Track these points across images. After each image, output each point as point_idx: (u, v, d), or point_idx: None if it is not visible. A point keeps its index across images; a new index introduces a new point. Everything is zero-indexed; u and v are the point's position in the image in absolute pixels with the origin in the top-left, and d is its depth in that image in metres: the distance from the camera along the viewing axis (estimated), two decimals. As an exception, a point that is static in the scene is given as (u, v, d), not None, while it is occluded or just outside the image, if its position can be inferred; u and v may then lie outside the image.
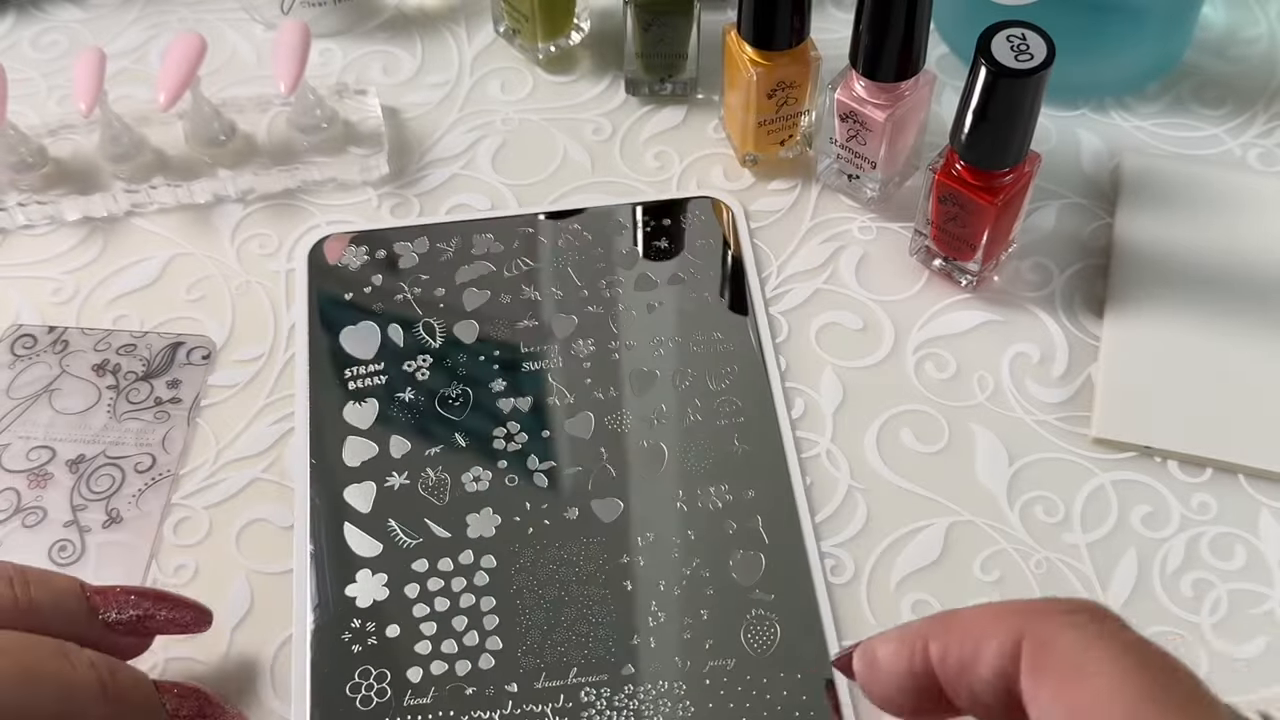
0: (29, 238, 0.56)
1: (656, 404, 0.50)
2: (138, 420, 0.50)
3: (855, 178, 0.55)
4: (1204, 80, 0.61)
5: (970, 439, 0.49)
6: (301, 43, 0.56)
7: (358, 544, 0.46)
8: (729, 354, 0.51)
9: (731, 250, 0.55)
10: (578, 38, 0.63)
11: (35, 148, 0.57)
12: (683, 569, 0.46)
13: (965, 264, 0.52)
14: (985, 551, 0.46)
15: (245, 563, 0.46)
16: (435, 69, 0.63)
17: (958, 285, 0.53)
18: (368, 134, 0.59)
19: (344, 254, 0.55)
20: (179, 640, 0.45)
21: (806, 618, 0.45)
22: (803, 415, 0.50)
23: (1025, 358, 0.51)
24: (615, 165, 0.59)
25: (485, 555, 0.46)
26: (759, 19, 0.52)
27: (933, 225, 0.52)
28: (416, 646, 0.44)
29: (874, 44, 0.50)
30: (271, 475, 0.49)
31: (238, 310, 0.54)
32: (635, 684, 0.43)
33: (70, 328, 0.53)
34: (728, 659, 0.44)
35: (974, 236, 0.50)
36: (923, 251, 0.54)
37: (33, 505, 0.48)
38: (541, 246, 0.55)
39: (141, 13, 0.66)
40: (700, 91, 0.61)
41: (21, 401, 0.51)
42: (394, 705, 0.43)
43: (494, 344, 0.52)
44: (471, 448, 0.49)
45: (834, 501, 0.48)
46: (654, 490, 0.48)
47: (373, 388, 0.51)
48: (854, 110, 0.52)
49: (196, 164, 0.57)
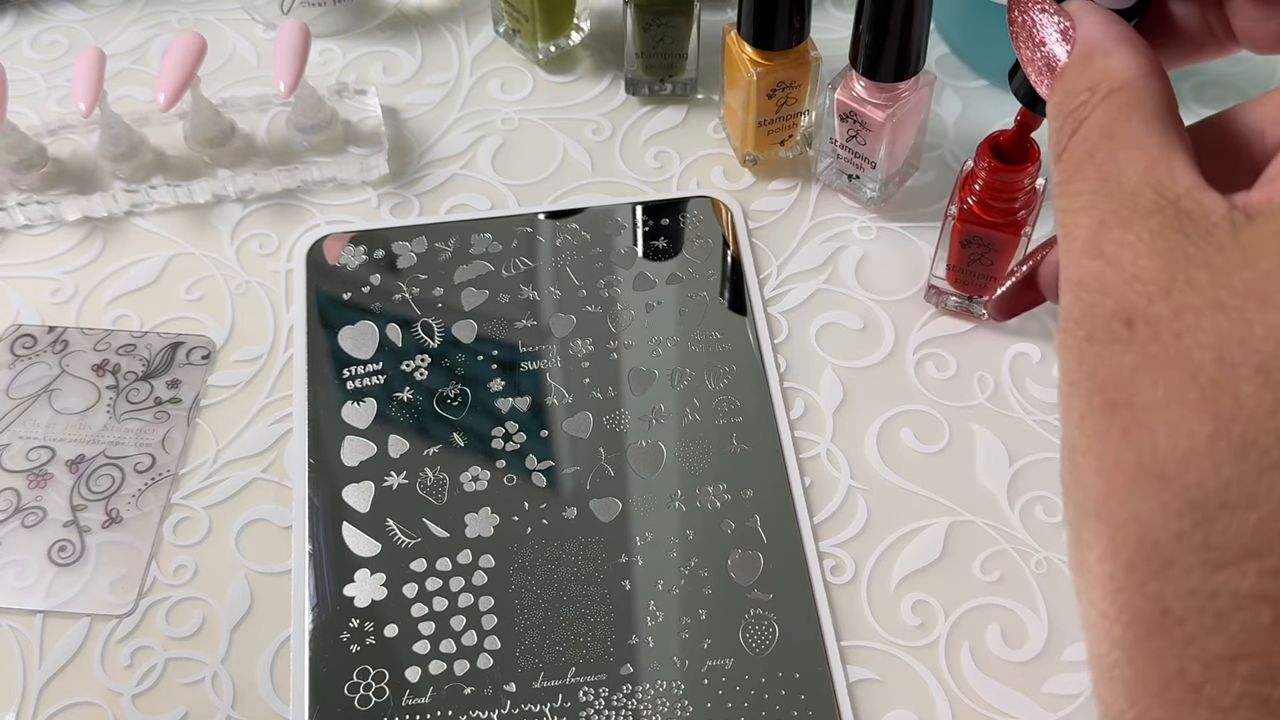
0: (29, 238, 0.56)
1: (655, 404, 0.50)
2: (137, 420, 0.50)
3: (855, 178, 0.55)
4: (1204, 80, 0.61)
5: (970, 439, 0.49)
6: (301, 43, 0.56)
7: (356, 544, 0.46)
8: (728, 354, 0.51)
9: (731, 250, 0.55)
10: (578, 38, 0.63)
11: (35, 148, 0.57)
12: (681, 569, 0.46)
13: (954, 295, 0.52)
14: (985, 551, 0.46)
15: (244, 563, 0.46)
16: (435, 69, 0.63)
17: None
18: (367, 134, 0.59)
19: (343, 254, 0.55)
20: (179, 640, 0.45)
21: (805, 617, 0.45)
22: (802, 415, 0.50)
23: (1025, 358, 0.51)
24: (615, 165, 0.59)
25: (484, 555, 0.46)
26: (759, 19, 0.52)
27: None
28: (415, 646, 0.44)
29: (874, 44, 0.50)
30: (271, 475, 0.49)
31: (237, 310, 0.54)
32: (634, 683, 0.43)
33: (70, 328, 0.53)
34: (726, 658, 0.44)
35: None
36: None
37: (32, 505, 0.48)
38: (540, 246, 0.55)
39: (141, 13, 0.66)
40: (700, 91, 0.61)
41: (21, 401, 0.51)
42: (392, 705, 0.43)
43: (492, 343, 0.52)
44: (470, 447, 0.49)
45: (834, 501, 0.48)
46: (652, 490, 0.48)
47: (371, 387, 0.51)
48: (854, 110, 0.52)
49: (196, 164, 0.57)
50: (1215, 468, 0.20)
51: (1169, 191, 0.22)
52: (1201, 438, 0.20)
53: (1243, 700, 0.19)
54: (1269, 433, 0.19)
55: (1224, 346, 0.20)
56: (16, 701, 0.43)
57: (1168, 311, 0.21)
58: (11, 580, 0.46)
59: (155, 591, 0.46)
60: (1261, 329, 0.20)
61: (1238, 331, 0.20)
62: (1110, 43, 0.25)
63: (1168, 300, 0.21)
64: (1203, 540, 0.20)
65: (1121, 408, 0.21)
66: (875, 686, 0.43)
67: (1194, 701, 0.20)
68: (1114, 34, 0.26)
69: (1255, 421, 0.19)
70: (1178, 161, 0.23)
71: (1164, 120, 0.24)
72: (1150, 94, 0.24)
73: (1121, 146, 0.23)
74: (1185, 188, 0.22)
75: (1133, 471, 0.21)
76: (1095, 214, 0.23)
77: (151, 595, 0.46)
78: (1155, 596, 0.20)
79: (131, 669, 0.44)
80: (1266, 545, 0.19)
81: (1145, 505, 0.21)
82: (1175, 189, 0.22)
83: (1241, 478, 0.19)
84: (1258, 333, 0.20)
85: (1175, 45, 0.29)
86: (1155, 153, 0.23)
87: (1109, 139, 0.24)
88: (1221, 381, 0.20)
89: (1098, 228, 0.23)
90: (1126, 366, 0.21)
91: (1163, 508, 0.20)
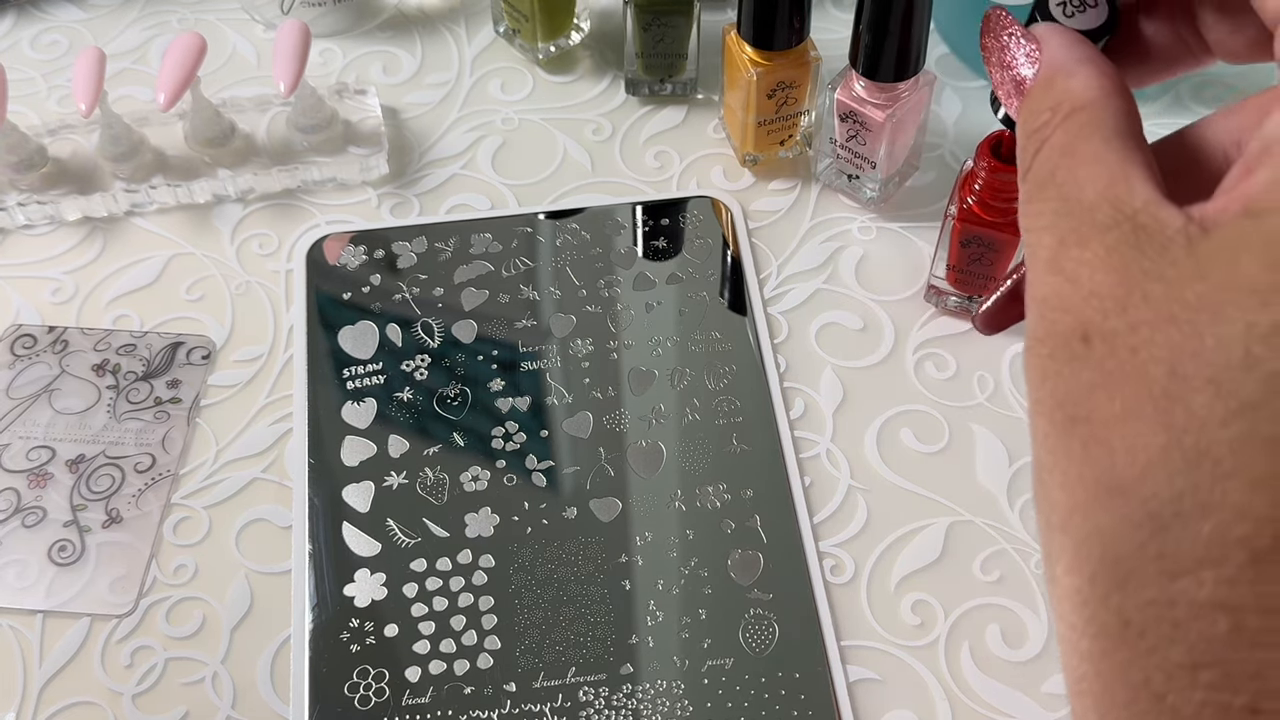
0: (29, 237, 0.56)
1: (655, 403, 0.50)
2: (138, 420, 0.50)
3: (855, 178, 0.55)
4: (1203, 80, 0.61)
5: (970, 439, 0.49)
6: (301, 43, 0.56)
7: (356, 544, 0.46)
8: (728, 353, 0.51)
9: (731, 250, 0.55)
10: (578, 38, 0.63)
11: (35, 148, 0.57)
12: (681, 568, 0.46)
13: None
14: (985, 551, 0.46)
15: (245, 563, 0.46)
16: (435, 69, 0.63)
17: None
18: (368, 134, 0.59)
19: (343, 254, 0.55)
20: (179, 640, 0.45)
21: (805, 617, 0.45)
22: (802, 415, 0.50)
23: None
24: (615, 165, 0.59)
25: (484, 555, 0.46)
26: (759, 19, 0.52)
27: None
28: (415, 646, 0.44)
29: (874, 44, 0.50)
30: (271, 475, 0.49)
31: (237, 310, 0.54)
32: (634, 683, 0.43)
33: (70, 328, 0.53)
34: (726, 658, 0.44)
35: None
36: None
37: (33, 505, 0.48)
38: (540, 246, 0.55)
39: (141, 13, 0.66)
40: (700, 91, 0.61)
41: (21, 401, 0.51)
42: (392, 705, 0.43)
43: (492, 343, 0.52)
44: (470, 447, 0.49)
45: (834, 501, 0.48)
46: (652, 490, 0.48)
47: (371, 387, 0.51)
48: (854, 110, 0.52)
49: (196, 164, 0.57)
50: (1169, 478, 0.20)
51: (1126, 207, 0.22)
52: (1156, 449, 0.20)
53: (1204, 709, 0.19)
54: (1221, 443, 0.19)
55: (1176, 360, 0.20)
56: (16, 701, 0.43)
57: (1124, 326, 0.21)
58: (11, 580, 0.46)
59: (155, 591, 0.46)
60: (1213, 340, 0.20)
61: (1190, 344, 0.20)
62: (1073, 63, 0.25)
63: (1123, 315, 0.21)
64: (1158, 550, 0.20)
65: (1081, 423, 0.22)
66: (875, 686, 0.43)
67: (1158, 712, 0.20)
68: (1077, 55, 0.26)
69: (1207, 431, 0.20)
70: (1136, 177, 0.23)
71: (1124, 137, 0.24)
72: (1111, 112, 0.24)
73: (1081, 164, 0.24)
74: (1143, 202, 0.22)
75: (1093, 486, 0.21)
76: (1056, 233, 0.23)
77: (151, 595, 0.46)
78: (1117, 608, 0.21)
79: (131, 669, 0.44)
80: (1221, 554, 0.19)
81: (1106, 519, 0.21)
82: (1133, 204, 0.22)
83: (1195, 488, 0.20)
84: (1209, 344, 0.20)
85: (1150, 61, 0.29)
86: (1114, 169, 0.23)
87: (1069, 157, 0.24)
88: (1174, 394, 0.20)
89: (1058, 246, 0.23)
90: (1084, 383, 0.22)
91: (1123, 520, 0.21)
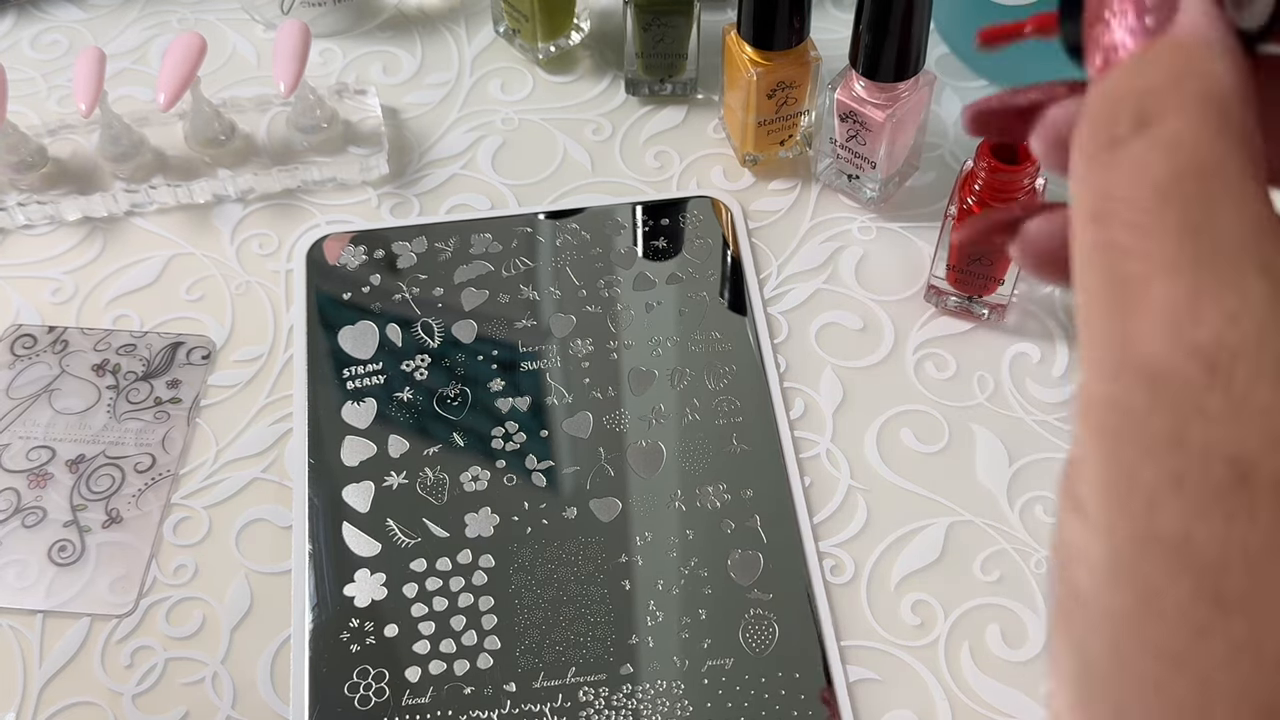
0: (29, 237, 0.56)
1: (655, 403, 0.50)
2: (138, 420, 0.50)
3: (855, 178, 0.55)
4: None
5: (970, 439, 0.49)
6: (301, 43, 0.56)
7: (356, 544, 0.46)
8: (727, 353, 0.51)
9: (731, 250, 0.55)
10: (578, 38, 0.63)
11: (35, 148, 0.57)
12: (681, 568, 0.46)
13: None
14: (985, 551, 0.46)
15: (245, 563, 0.46)
16: (435, 69, 0.63)
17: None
18: (367, 134, 0.59)
19: (343, 254, 0.55)
20: (179, 640, 0.45)
21: (805, 617, 0.45)
22: (802, 415, 0.50)
23: (1025, 358, 0.51)
24: (615, 165, 0.59)
25: (483, 555, 0.46)
26: (759, 19, 0.52)
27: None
28: (415, 646, 0.44)
29: (874, 44, 0.50)
30: (271, 475, 0.49)
31: (237, 310, 0.54)
32: (633, 683, 0.43)
33: (70, 328, 0.53)
34: (726, 658, 0.44)
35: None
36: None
37: (33, 505, 0.48)
38: (540, 246, 0.55)
39: (141, 13, 0.66)
40: (700, 91, 0.61)
41: (21, 401, 0.51)
42: (392, 705, 0.43)
43: (492, 343, 0.52)
44: (470, 447, 0.49)
45: (834, 501, 0.48)
46: (652, 490, 0.48)
47: (371, 387, 0.51)
48: (854, 110, 0.52)
49: (196, 164, 0.57)
50: None
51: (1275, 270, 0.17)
52: None
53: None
54: None
55: None
56: (17, 701, 0.43)
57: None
58: (12, 580, 0.46)
59: (155, 591, 0.46)
60: None
61: None
62: (1218, 41, 0.20)
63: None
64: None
65: None
66: (875, 686, 0.43)
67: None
68: (1225, 38, 0.20)
69: None
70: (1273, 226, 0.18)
71: (1256, 165, 0.19)
72: (1243, 123, 0.19)
73: (1220, 189, 0.18)
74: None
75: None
76: (1185, 279, 0.18)
77: (151, 595, 0.46)
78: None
79: (132, 669, 0.44)
80: None
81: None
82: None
83: None
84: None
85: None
86: (1259, 208, 0.18)
87: (1200, 174, 0.18)
88: None
89: (1192, 297, 0.17)
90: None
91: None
